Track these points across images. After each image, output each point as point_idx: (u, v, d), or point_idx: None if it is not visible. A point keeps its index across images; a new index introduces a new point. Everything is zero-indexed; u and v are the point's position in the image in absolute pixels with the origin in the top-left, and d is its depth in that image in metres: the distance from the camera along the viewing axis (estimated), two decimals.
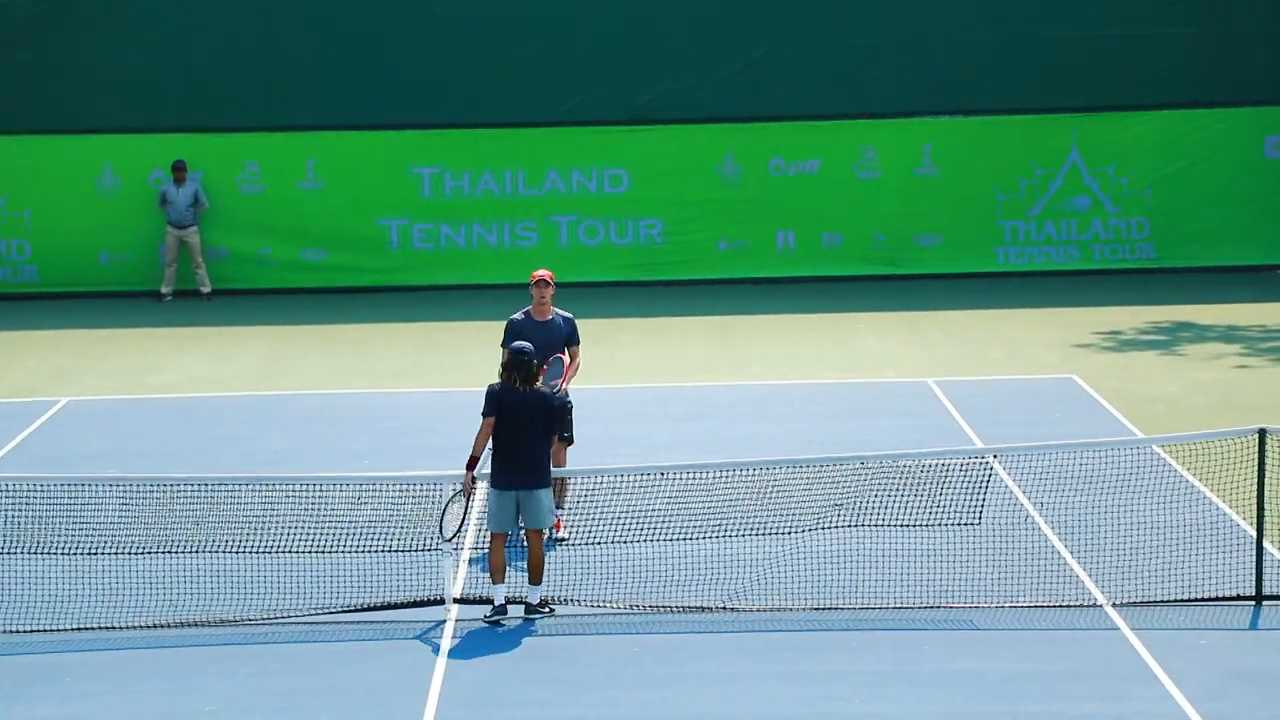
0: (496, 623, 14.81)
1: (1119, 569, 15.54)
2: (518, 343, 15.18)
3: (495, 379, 15.05)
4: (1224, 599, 15.07)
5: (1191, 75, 30.22)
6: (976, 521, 15.57)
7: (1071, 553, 16.03)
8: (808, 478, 15.55)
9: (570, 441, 16.35)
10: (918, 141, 30.45)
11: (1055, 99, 30.35)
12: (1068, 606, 15.00)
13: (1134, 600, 15.07)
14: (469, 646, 14.46)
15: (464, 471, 15.04)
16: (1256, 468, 15.15)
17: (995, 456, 16.23)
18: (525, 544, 15.00)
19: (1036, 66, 30.35)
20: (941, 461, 15.77)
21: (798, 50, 30.46)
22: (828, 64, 30.43)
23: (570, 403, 16.45)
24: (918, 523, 15.54)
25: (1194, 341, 25.56)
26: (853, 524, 15.50)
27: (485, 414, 14.89)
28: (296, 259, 30.16)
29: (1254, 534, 15.23)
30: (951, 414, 21.45)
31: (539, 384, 15.05)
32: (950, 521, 15.57)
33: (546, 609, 14.95)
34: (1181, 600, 15.03)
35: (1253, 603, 15.02)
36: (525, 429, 14.83)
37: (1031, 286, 29.45)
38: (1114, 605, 14.98)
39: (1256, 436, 15.16)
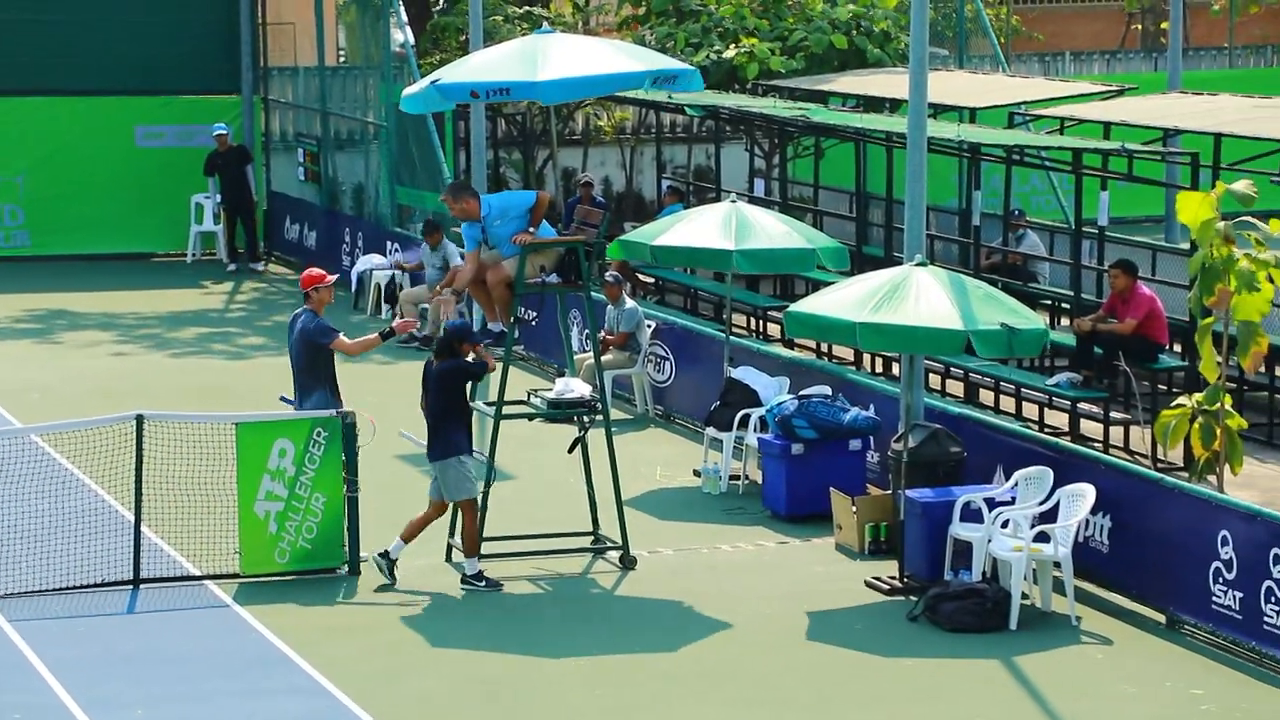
0: (383, 570, 15.03)
1: None
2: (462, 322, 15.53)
3: None
4: (104, 585, 15.15)
5: (61, 62, 30.11)
6: None
7: None
8: None
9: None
10: None
11: None
12: None
13: (12, 591, 14.91)
14: None
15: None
16: (135, 453, 15.32)
17: None
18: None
19: None
20: None
21: None
22: None
23: None
24: None
25: (71, 329, 25.52)
26: None
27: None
28: None
29: (133, 519, 15.39)
30: None
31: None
32: None
33: (482, 583, 14.82)
34: (61, 589, 14.98)
35: (131, 586, 15.20)
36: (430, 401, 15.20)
37: None
38: None
39: (135, 422, 15.33)
